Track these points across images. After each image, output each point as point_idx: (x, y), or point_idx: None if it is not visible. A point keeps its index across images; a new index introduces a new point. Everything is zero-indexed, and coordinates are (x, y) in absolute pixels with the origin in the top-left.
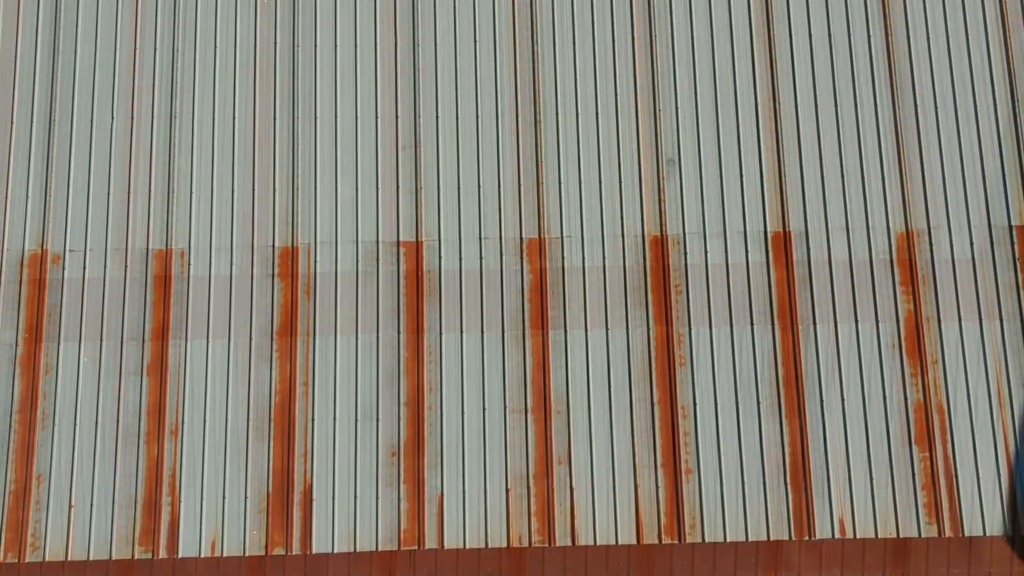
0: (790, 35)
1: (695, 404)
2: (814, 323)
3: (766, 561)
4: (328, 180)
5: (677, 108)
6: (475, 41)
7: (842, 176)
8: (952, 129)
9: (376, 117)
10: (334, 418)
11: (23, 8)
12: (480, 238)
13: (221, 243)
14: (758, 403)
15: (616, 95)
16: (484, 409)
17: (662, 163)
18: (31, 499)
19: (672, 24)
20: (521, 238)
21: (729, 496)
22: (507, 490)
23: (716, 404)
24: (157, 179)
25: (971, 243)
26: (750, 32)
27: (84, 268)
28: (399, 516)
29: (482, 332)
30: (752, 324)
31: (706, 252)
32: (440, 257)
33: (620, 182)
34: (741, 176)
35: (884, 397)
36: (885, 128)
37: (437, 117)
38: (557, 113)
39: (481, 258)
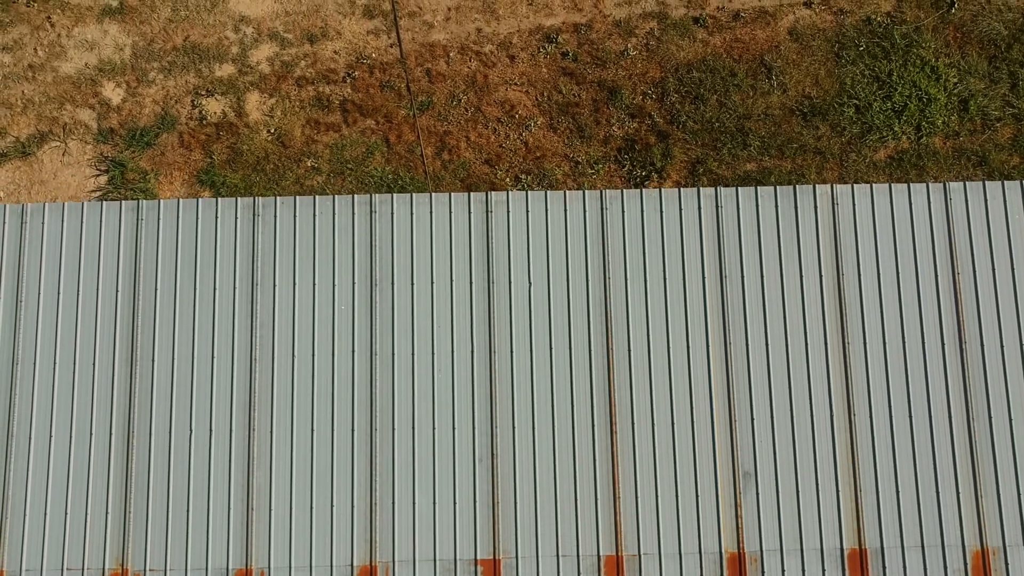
0: (865, 348)
1: None
2: None
3: None
4: (406, 494)
5: (753, 419)
6: (551, 348)
7: (917, 493)
8: None
9: (453, 428)
10: None
11: (101, 316)
12: (557, 555)
13: (299, 561)
14: None
15: (692, 405)
16: None
17: (739, 476)
18: None
19: (747, 334)
20: (598, 555)
21: None
22: None
23: None
24: (236, 494)
25: None
26: (825, 346)
27: None
28: None
29: None
30: None
31: (783, 570)
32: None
33: (697, 496)
34: (817, 489)
35: None
36: (960, 444)
37: (513, 427)
38: (633, 423)
39: None
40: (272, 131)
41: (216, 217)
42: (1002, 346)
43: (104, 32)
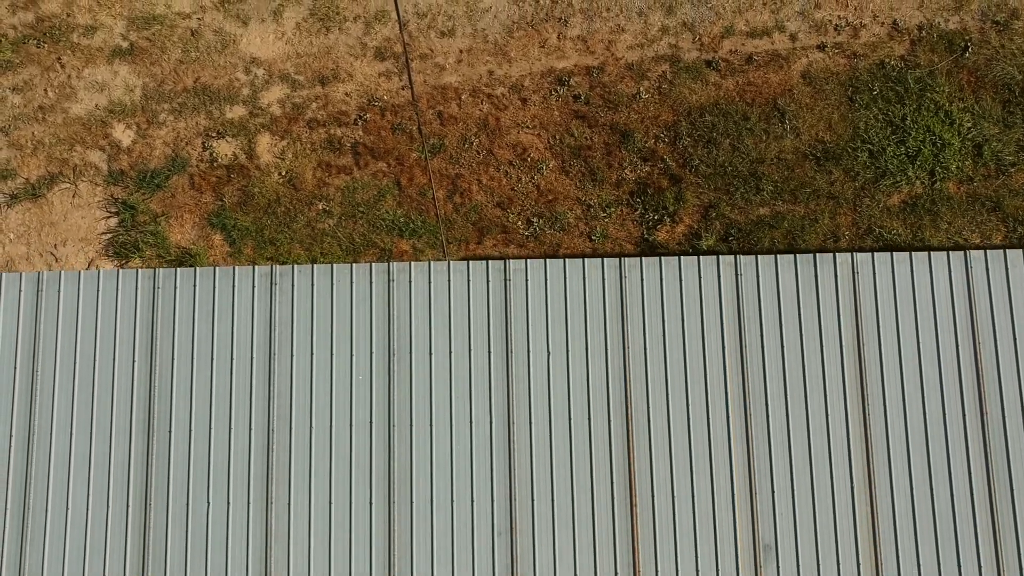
0: (885, 418)
1: None
2: None
3: None
4: (424, 568)
5: (774, 491)
6: (569, 419)
7: (939, 569)
8: None
9: (472, 500)
10: None
11: (117, 386)
12: None
13: None
14: None
15: (712, 477)
16: None
17: (759, 548)
18: None
19: (767, 404)
20: None
21: None
22: None
23: None
24: (254, 568)
25: None
26: (845, 415)
27: None
28: None
29: None
30: None
31: None
32: None
33: (718, 570)
34: (838, 563)
35: None
36: (981, 516)
37: (532, 500)
38: (653, 495)
39: None
40: (283, 173)
41: (233, 286)
42: (1023, 415)
43: (114, 73)
